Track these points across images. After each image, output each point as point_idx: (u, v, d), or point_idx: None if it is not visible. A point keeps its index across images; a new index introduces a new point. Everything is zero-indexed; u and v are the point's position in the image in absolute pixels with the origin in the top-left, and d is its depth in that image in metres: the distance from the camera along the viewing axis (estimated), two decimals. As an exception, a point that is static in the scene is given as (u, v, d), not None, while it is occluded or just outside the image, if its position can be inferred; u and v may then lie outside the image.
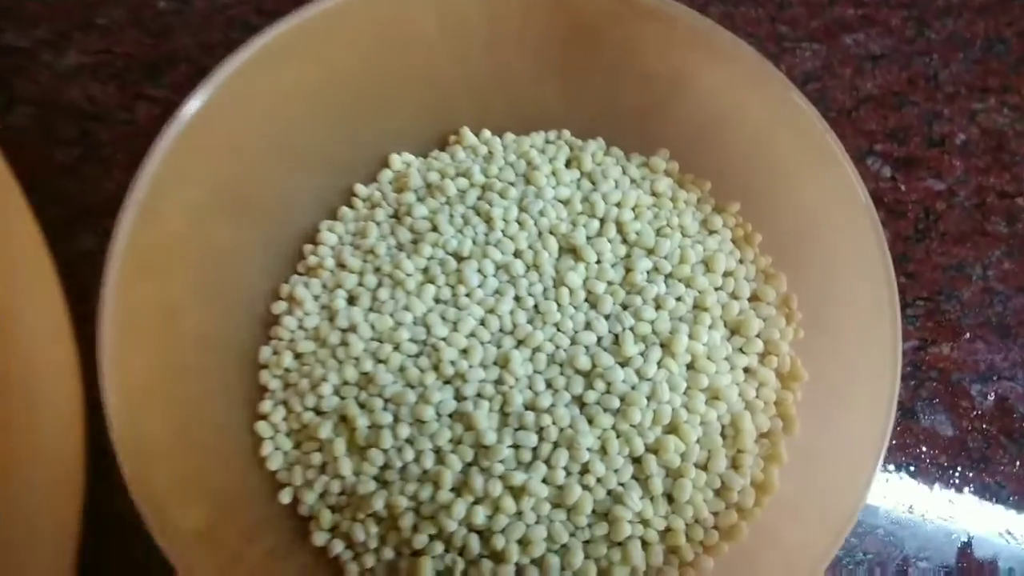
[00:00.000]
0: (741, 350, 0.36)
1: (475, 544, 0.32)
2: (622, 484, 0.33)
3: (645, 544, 0.33)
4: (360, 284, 0.37)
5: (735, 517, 0.34)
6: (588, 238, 0.37)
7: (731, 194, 0.39)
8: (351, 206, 0.41)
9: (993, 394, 0.42)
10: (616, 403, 0.33)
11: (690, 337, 0.35)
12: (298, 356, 0.37)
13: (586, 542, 0.33)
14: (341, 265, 0.38)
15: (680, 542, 0.33)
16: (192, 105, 0.32)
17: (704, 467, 0.34)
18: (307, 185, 0.40)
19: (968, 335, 0.43)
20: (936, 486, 0.40)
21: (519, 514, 0.32)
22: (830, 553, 0.31)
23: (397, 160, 0.41)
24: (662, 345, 0.35)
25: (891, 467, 0.41)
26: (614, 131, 0.42)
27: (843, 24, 0.50)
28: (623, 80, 0.40)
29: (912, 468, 0.41)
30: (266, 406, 0.36)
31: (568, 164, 0.41)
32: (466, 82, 0.41)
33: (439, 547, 0.33)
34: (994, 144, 0.47)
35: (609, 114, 0.41)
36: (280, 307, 0.38)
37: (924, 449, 0.41)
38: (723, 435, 0.34)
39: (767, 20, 0.50)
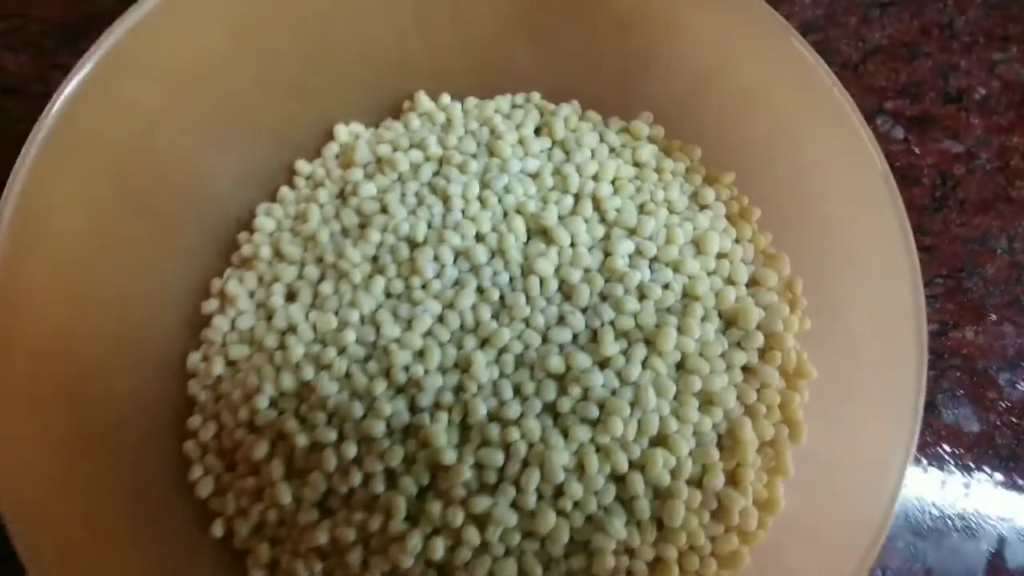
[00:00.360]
0: (738, 345, 0.31)
1: (434, 582, 0.28)
2: (603, 508, 0.29)
3: (631, 576, 0.29)
4: (300, 277, 0.33)
5: (736, 542, 0.29)
6: (560, 217, 0.33)
7: (725, 162, 0.35)
8: (292, 185, 0.36)
9: (1023, 383, 0.37)
10: (594, 412, 0.29)
11: (679, 331, 0.30)
12: (231, 363, 0.33)
13: (563, 576, 0.29)
14: (279, 255, 0.34)
15: (672, 574, 0.29)
16: (82, 73, 0.28)
17: (698, 484, 0.29)
18: (239, 162, 0.35)
19: (994, 317, 0.39)
20: (961, 489, 0.36)
21: (484, 546, 0.28)
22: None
23: (344, 131, 0.37)
24: (647, 342, 0.30)
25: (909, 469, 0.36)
26: (591, 92, 0.37)
27: (847, -34, 0.45)
28: (602, 33, 0.35)
29: (934, 469, 0.36)
30: (194, 421, 0.32)
31: (538, 131, 0.36)
32: (426, 40, 0.36)
33: (392, 585, 0.28)
34: (1017, 99, 0.43)
35: (585, 73, 0.37)
36: (211, 306, 0.34)
37: (947, 448, 0.36)
38: (719, 446, 0.30)
39: (762, -36, 0.45)
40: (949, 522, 0.35)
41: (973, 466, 0.36)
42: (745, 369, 0.31)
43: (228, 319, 0.33)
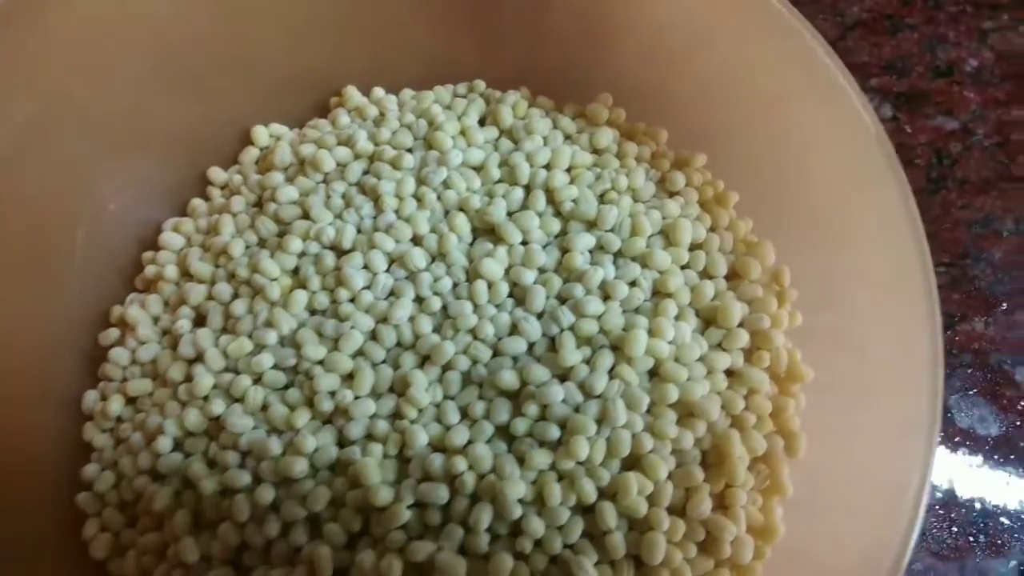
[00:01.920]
0: (720, 346, 0.27)
1: (369, 649, 0.24)
2: (570, 546, 0.25)
3: (608, 628, 0.25)
4: (210, 298, 0.28)
5: (729, 578, 0.25)
6: (509, 213, 0.29)
7: (694, 143, 0.31)
8: (205, 197, 0.32)
9: (1043, 377, 0.34)
10: (555, 433, 0.25)
11: (650, 334, 0.26)
12: (131, 401, 0.28)
13: (525, 634, 0.24)
14: (187, 274, 0.29)
15: (655, 622, 0.24)
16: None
17: (681, 512, 0.25)
18: (142, 171, 0.31)
19: (1004, 305, 0.35)
20: (983, 501, 0.31)
21: (428, 601, 0.24)
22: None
23: (263, 134, 0.33)
24: (614, 348, 0.26)
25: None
26: (542, 79, 0.33)
27: (818, -63, 0.42)
28: (554, 14, 0.32)
29: (951, 481, 0.32)
30: (90, 471, 0.28)
31: (482, 122, 0.32)
32: (354, 31, 0.33)
33: (320, 656, 0.24)
34: (1013, 69, 0.40)
35: (536, 58, 0.33)
36: (110, 336, 0.29)
37: (964, 455, 0.32)
38: (704, 465, 0.26)
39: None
40: (972, 539, 0.31)
41: (994, 474, 0.32)
42: (729, 374, 0.27)
43: (128, 350, 0.29)
